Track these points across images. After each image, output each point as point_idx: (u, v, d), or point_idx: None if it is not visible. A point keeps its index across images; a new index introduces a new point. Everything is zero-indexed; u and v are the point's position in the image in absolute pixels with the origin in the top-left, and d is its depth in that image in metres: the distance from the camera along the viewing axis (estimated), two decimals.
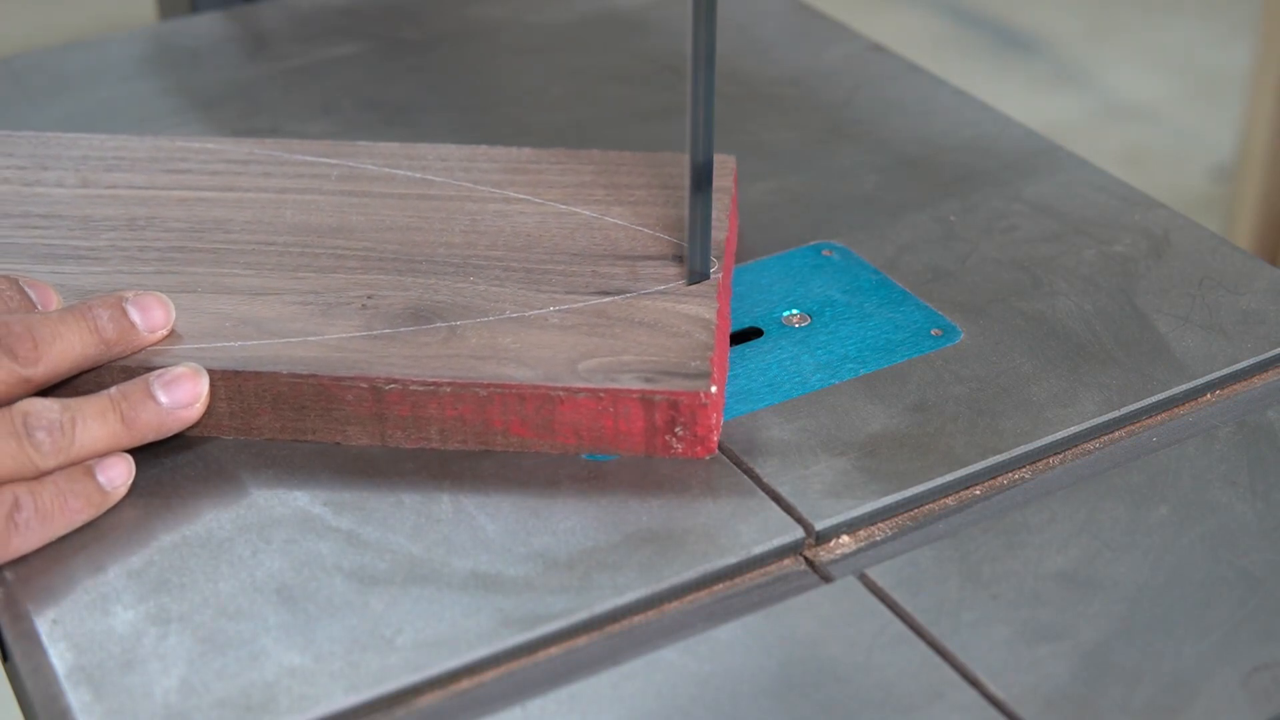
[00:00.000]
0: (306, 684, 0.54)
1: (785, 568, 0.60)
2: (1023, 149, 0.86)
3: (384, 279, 0.69)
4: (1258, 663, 0.54)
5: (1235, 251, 0.77)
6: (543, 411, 0.63)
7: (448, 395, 0.63)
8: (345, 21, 1.03)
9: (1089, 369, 0.69)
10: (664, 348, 0.65)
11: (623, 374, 0.63)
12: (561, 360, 0.64)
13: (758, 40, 1.00)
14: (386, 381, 0.63)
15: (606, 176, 0.76)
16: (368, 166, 0.76)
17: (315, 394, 0.64)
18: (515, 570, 0.59)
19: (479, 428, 0.64)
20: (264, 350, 0.65)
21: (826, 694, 0.54)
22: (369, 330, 0.66)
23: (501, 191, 0.75)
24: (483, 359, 0.64)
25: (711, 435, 0.64)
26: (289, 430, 0.65)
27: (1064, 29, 2.94)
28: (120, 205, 0.73)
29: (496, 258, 0.71)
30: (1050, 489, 0.63)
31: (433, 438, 0.64)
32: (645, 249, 0.71)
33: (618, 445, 0.64)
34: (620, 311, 0.67)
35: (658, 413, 0.63)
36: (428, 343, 0.65)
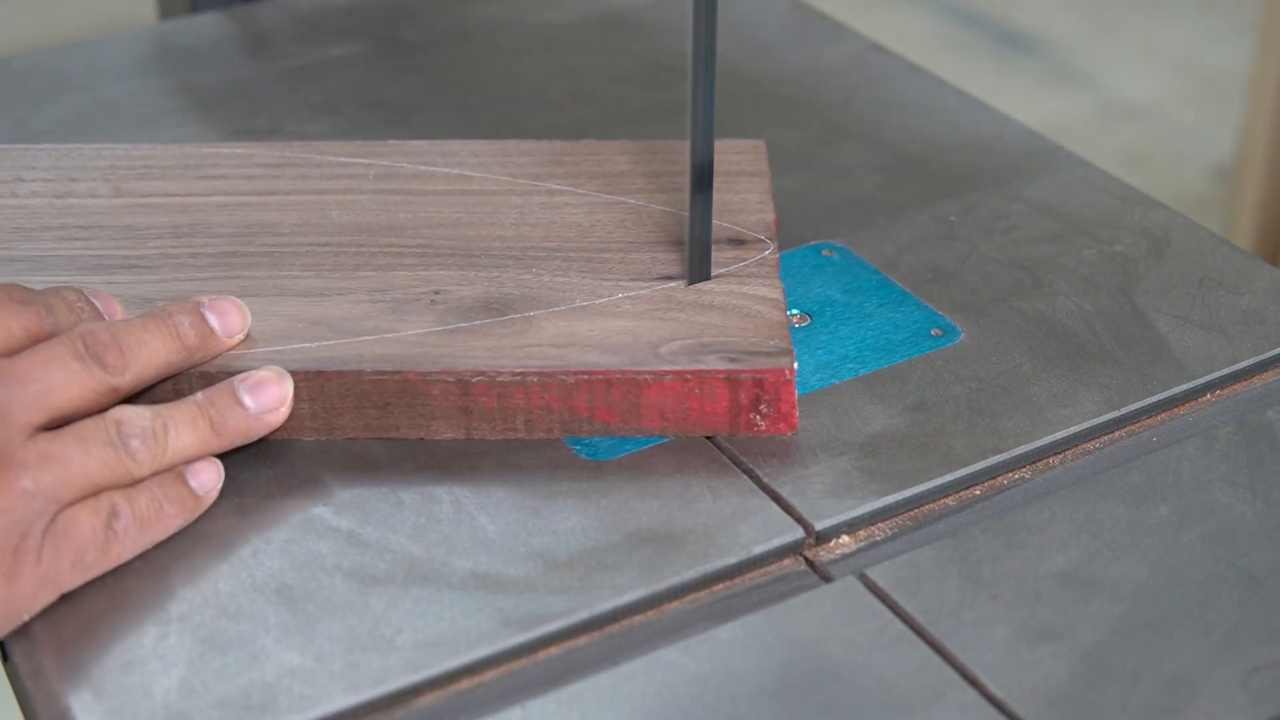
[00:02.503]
0: (306, 684, 0.54)
1: (785, 568, 0.60)
2: (1023, 149, 0.86)
3: (446, 274, 0.69)
4: (1258, 663, 0.54)
5: (1235, 251, 0.77)
6: (629, 396, 0.64)
7: (534, 385, 0.64)
8: (345, 21, 1.03)
9: (1089, 369, 0.69)
10: (740, 328, 0.66)
11: (706, 355, 0.64)
12: (643, 345, 0.65)
13: (758, 40, 1.00)
14: (473, 374, 0.64)
15: (642, 165, 0.77)
16: (403, 165, 0.77)
17: (399, 390, 0.64)
18: (515, 570, 0.59)
19: (565, 416, 0.64)
20: (343, 349, 0.65)
21: (826, 694, 0.54)
22: (444, 325, 0.66)
23: (543, 184, 0.76)
24: (564, 347, 0.65)
25: (793, 412, 0.65)
26: (372, 428, 0.65)
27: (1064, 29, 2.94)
28: (161, 213, 0.73)
29: (553, 249, 0.71)
30: (1050, 489, 0.63)
31: (519, 428, 0.65)
32: None
33: (702, 426, 0.65)
34: (687, 296, 0.68)
35: (743, 391, 0.64)
36: (505, 334, 0.66)
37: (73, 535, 0.56)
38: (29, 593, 0.55)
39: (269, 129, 0.89)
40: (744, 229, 0.72)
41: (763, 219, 0.73)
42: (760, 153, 0.78)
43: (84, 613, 0.57)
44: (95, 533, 0.57)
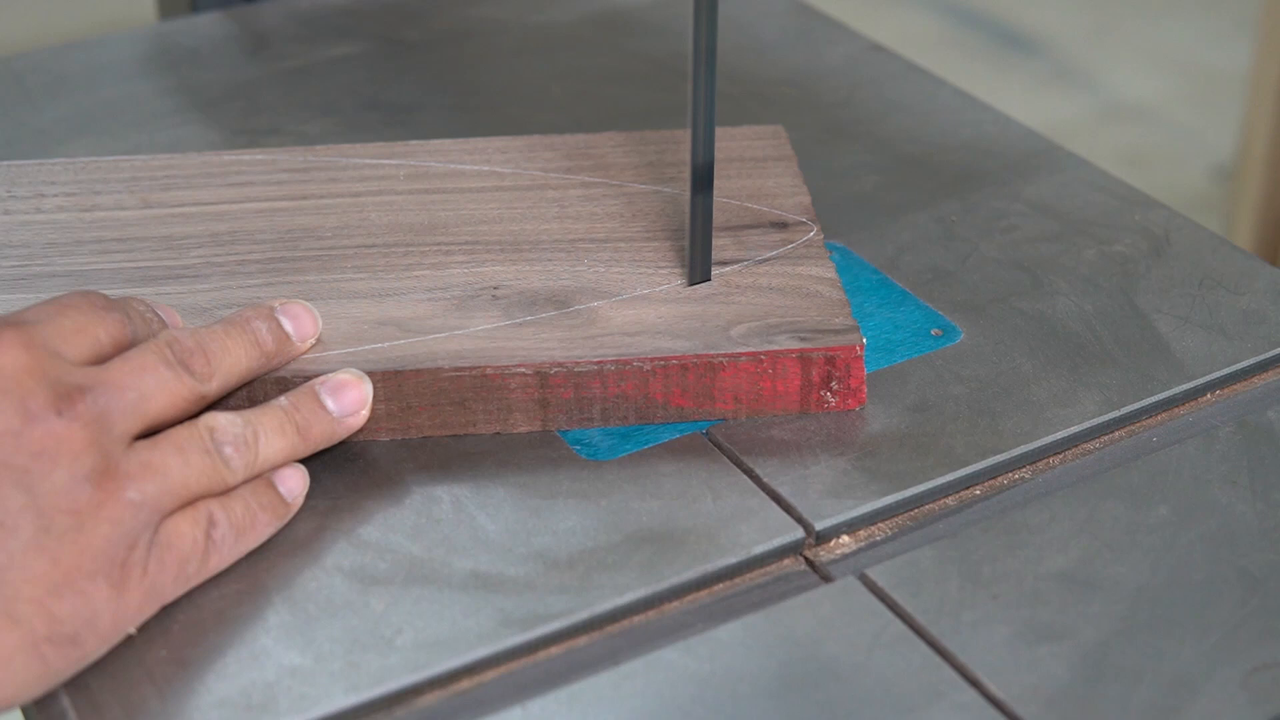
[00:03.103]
0: (306, 684, 0.54)
1: (785, 568, 0.60)
2: (1023, 149, 0.86)
3: (500, 269, 0.70)
4: (1258, 663, 0.54)
5: (1235, 251, 0.77)
6: (704, 380, 0.65)
7: (611, 373, 0.64)
8: (345, 21, 1.03)
9: (1089, 369, 0.69)
10: (803, 308, 0.67)
11: (777, 335, 0.65)
12: (713, 329, 0.66)
13: (758, 40, 1.00)
14: (551, 366, 0.64)
15: (669, 154, 0.78)
16: (432, 164, 0.77)
17: (477, 386, 0.64)
18: (515, 570, 0.59)
19: (640, 403, 0.65)
20: (417, 348, 0.65)
21: (826, 694, 0.54)
22: (511, 319, 0.66)
23: (575, 177, 0.76)
24: (635, 335, 0.65)
25: (862, 387, 0.66)
26: (449, 425, 0.65)
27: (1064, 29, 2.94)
28: (196, 222, 0.73)
29: (600, 240, 0.72)
30: (1050, 489, 0.63)
31: (595, 417, 0.65)
32: (740, 219, 0.73)
33: (774, 406, 0.66)
34: (744, 279, 0.69)
35: (815, 369, 0.65)
36: (574, 325, 0.66)
37: (176, 546, 0.56)
38: (135, 605, 0.55)
39: (269, 129, 0.89)
40: (783, 212, 0.74)
41: (800, 201, 0.74)
42: (782, 137, 0.80)
43: None
44: (196, 542, 0.56)
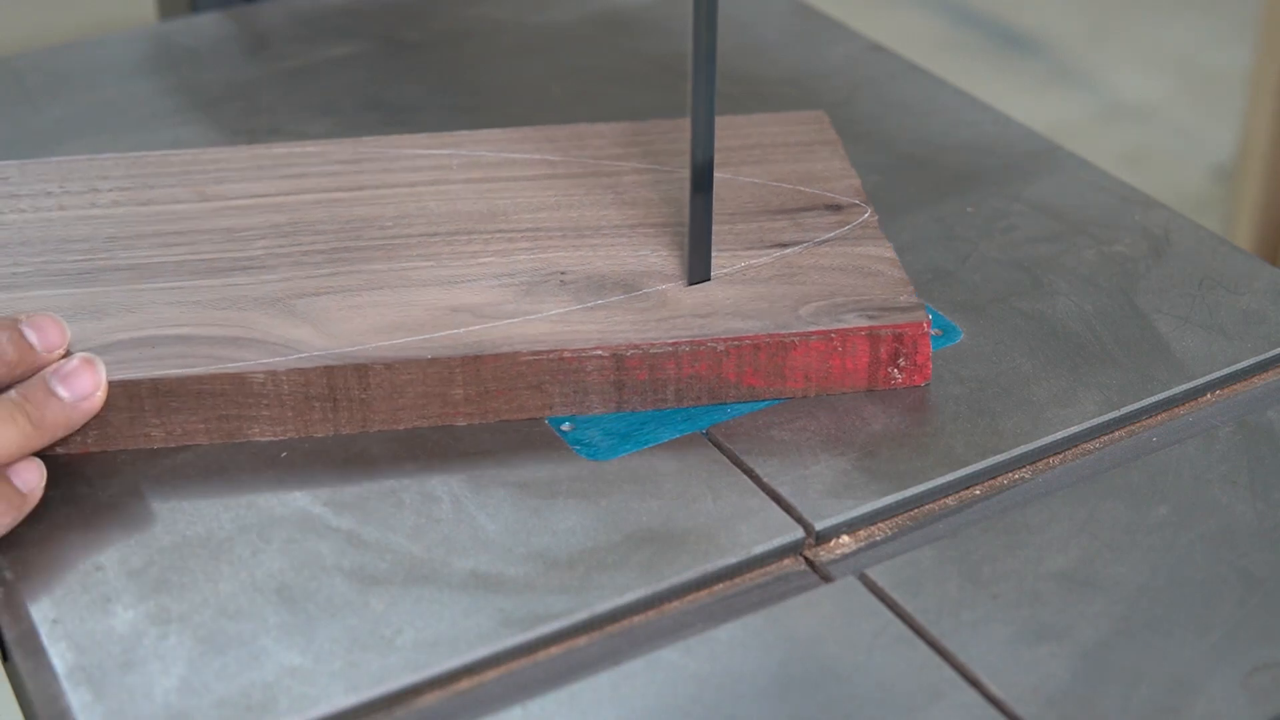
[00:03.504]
0: (306, 684, 0.54)
1: (785, 568, 0.60)
2: (1023, 149, 0.86)
3: (564, 255, 0.70)
4: (1258, 663, 0.54)
5: (1235, 251, 0.77)
6: (775, 359, 0.66)
7: (685, 354, 0.65)
8: (345, 21, 1.03)
9: (1089, 369, 0.69)
10: (867, 287, 0.68)
11: (846, 314, 0.67)
12: (782, 309, 0.67)
13: (758, 40, 1.00)
14: (627, 348, 0.65)
15: (718, 140, 0.78)
16: (483, 153, 0.78)
17: (554, 369, 0.65)
18: (515, 570, 0.59)
19: (713, 383, 0.66)
20: (493, 333, 0.65)
21: (826, 694, 0.54)
22: (582, 303, 0.67)
23: (625, 164, 0.77)
24: (707, 317, 0.67)
25: (928, 363, 0.67)
26: (526, 409, 0.66)
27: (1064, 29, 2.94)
28: (255, 214, 0.73)
29: (660, 224, 0.72)
30: (1050, 489, 0.63)
31: (669, 398, 0.66)
32: (794, 202, 0.74)
33: (842, 384, 0.67)
34: (806, 260, 0.70)
35: (883, 347, 0.66)
36: (645, 308, 0.67)
37: None
38: None
39: (269, 129, 0.89)
40: (836, 195, 0.75)
41: (850, 184, 0.76)
42: (825, 122, 0.81)
43: (84, 612, 0.57)
44: None
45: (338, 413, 0.65)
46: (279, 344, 0.65)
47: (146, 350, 0.65)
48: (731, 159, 0.77)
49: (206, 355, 0.64)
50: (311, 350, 0.65)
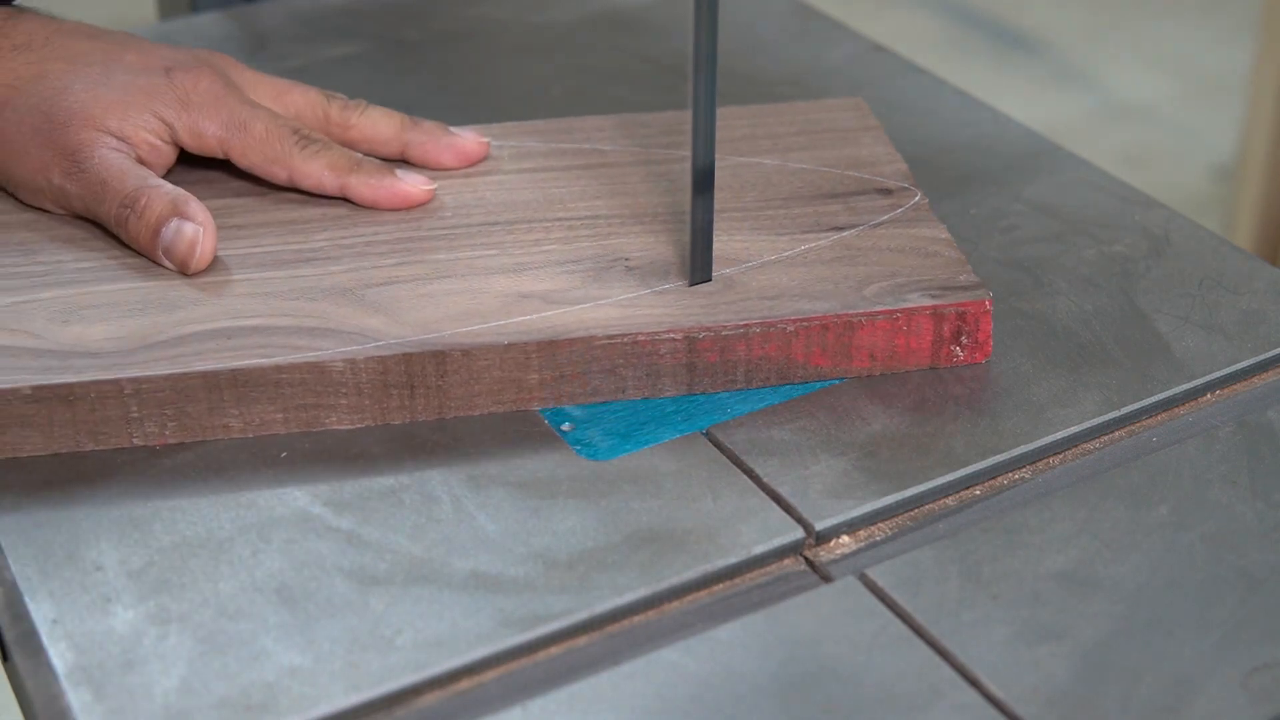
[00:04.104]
0: (306, 684, 0.54)
1: (785, 568, 0.60)
2: (1023, 149, 0.86)
3: (626, 241, 0.71)
4: (1258, 663, 0.54)
5: (1235, 251, 0.77)
6: (842, 339, 0.67)
7: (756, 336, 0.66)
8: (345, 21, 1.03)
9: (1089, 369, 0.69)
10: (926, 267, 0.70)
11: (909, 293, 0.68)
12: (846, 290, 0.68)
13: (758, 40, 1.00)
14: (699, 330, 0.66)
15: (760, 128, 0.81)
16: (532, 143, 0.78)
17: (628, 352, 0.66)
18: (515, 570, 0.59)
19: (782, 364, 0.67)
20: (566, 318, 0.66)
21: (826, 694, 0.54)
22: (649, 287, 0.68)
23: (676, 152, 0.78)
24: (773, 299, 0.68)
25: (989, 340, 0.69)
26: (600, 393, 0.67)
27: (1064, 29, 2.94)
28: (311, 206, 0.74)
29: (716, 210, 0.73)
30: (1050, 489, 0.63)
31: (739, 379, 0.67)
32: (845, 187, 0.76)
33: (906, 362, 0.68)
34: (864, 243, 0.71)
35: (946, 325, 0.68)
36: (713, 291, 0.68)
37: None
38: None
39: None
40: (884, 179, 0.76)
41: (898, 168, 0.77)
42: (864, 109, 0.82)
43: (84, 612, 0.57)
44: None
45: (414, 400, 0.66)
46: (354, 333, 0.66)
47: (223, 341, 0.65)
48: (779, 145, 0.79)
49: (283, 345, 0.65)
50: (387, 339, 0.65)
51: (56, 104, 0.72)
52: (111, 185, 0.71)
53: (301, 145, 0.74)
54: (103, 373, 0.63)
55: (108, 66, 0.74)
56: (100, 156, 0.71)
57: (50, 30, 0.75)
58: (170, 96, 0.73)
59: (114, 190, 0.70)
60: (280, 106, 0.77)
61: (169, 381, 0.63)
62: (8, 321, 0.66)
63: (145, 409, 0.64)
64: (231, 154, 0.74)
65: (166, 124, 0.73)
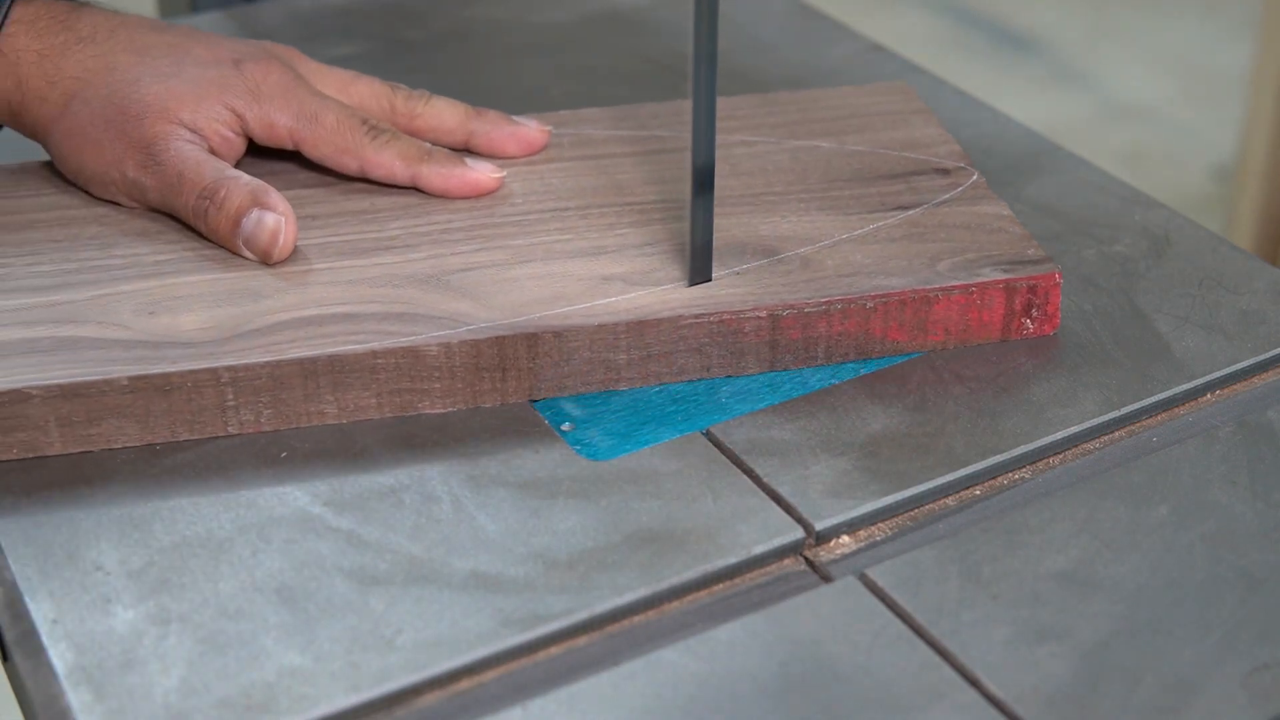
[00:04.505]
0: (306, 684, 0.54)
1: (785, 568, 0.60)
2: (1023, 149, 0.86)
3: None
4: (1258, 663, 0.54)
5: (1235, 251, 0.77)
6: (919, 314, 0.69)
7: (837, 313, 0.68)
8: (345, 21, 1.03)
9: (1089, 369, 0.69)
10: (994, 243, 0.71)
11: (982, 268, 0.70)
12: (920, 266, 0.70)
13: (758, 40, 1.00)
14: (783, 308, 0.67)
15: (809, 113, 0.82)
16: (590, 130, 0.79)
17: (714, 331, 0.67)
18: (515, 570, 0.59)
19: (861, 339, 0.69)
20: (652, 299, 0.67)
21: (826, 694, 0.54)
22: (727, 268, 0.69)
23: (732, 136, 0.79)
24: (850, 276, 0.69)
25: (1058, 313, 0.70)
26: (686, 371, 0.68)
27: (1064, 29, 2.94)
28: (380, 195, 0.75)
29: (781, 192, 0.75)
30: (1050, 489, 0.63)
31: (819, 356, 0.69)
32: (903, 168, 0.77)
33: (979, 335, 0.70)
34: (929, 220, 0.73)
35: (1018, 298, 0.69)
36: (790, 270, 0.70)
37: None
38: None
39: None
40: (940, 159, 0.77)
41: (952, 149, 0.79)
42: (910, 92, 0.84)
43: (84, 612, 0.57)
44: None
45: (506, 382, 0.66)
46: (444, 318, 0.66)
47: (314, 329, 0.66)
48: (832, 129, 0.80)
49: (375, 331, 0.66)
50: (478, 322, 0.66)
51: (128, 97, 0.72)
52: (189, 178, 0.71)
53: (372, 136, 0.74)
54: (199, 362, 0.64)
55: (177, 59, 0.74)
56: (175, 149, 0.72)
57: (114, 23, 0.75)
58: (241, 88, 0.74)
59: (191, 183, 0.71)
60: (345, 97, 0.77)
61: (266, 369, 0.64)
62: (93, 314, 0.66)
63: (241, 397, 0.64)
64: (302, 145, 0.75)
65: (238, 115, 0.74)
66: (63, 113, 0.73)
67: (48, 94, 0.73)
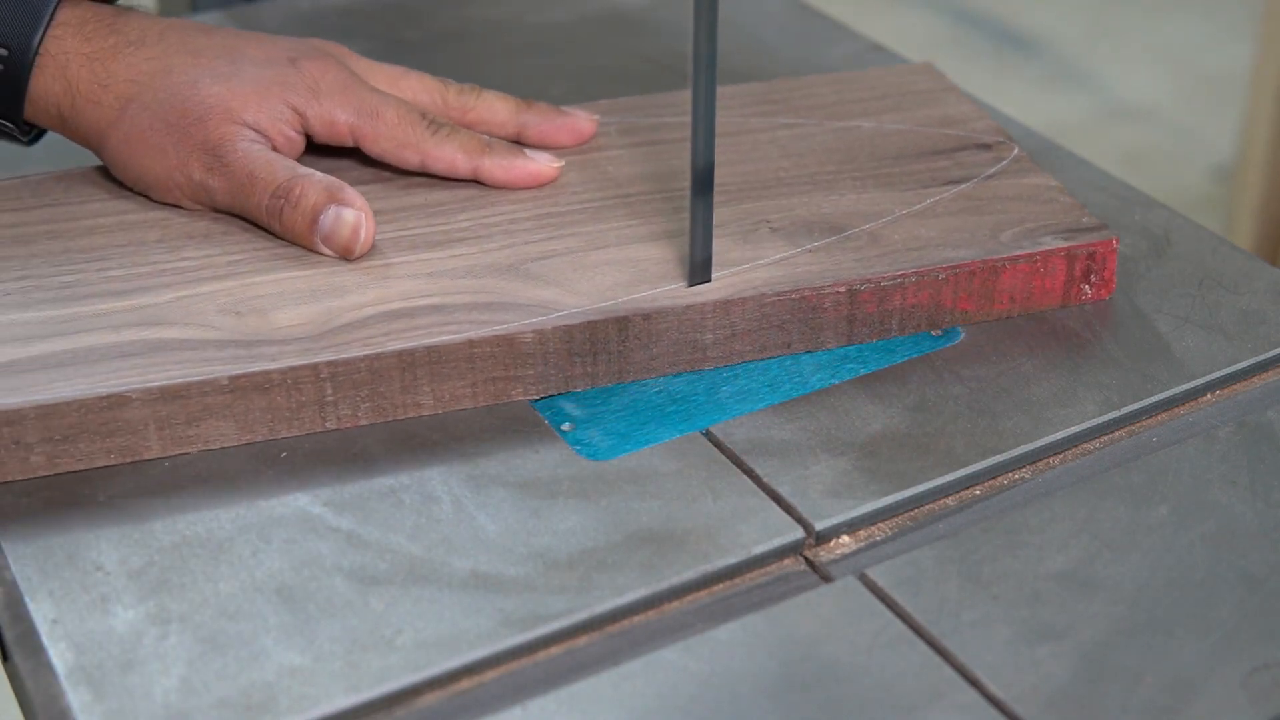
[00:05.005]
0: (306, 684, 0.54)
1: (785, 568, 0.60)
2: (1023, 149, 0.86)
3: (760, 205, 0.74)
4: (1258, 663, 0.54)
5: (1235, 251, 0.77)
6: (986, 283, 0.71)
7: (911, 285, 0.69)
8: (345, 21, 1.03)
9: (1089, 369, 0.69)
10: (1049, 212, 0.73)
11: (1043, 237, 0.72)
12: (983, 237, 0.72)
13: (758, 40, 1.00)
14: (860, 282, 0.69)
15: (846, 94, 0.83)
16: (635, 119, 0.80)
17: (795, 307, 0.69)
18: (515, 570, 0.59)
19: (932, 310, 0.71)
20: (734, 279, 0.69)
21: (826, 694, 0.54)
22: (798, 246, 0.70)
23: (778, 119, 0.81)
24: (919, 249, 0.71)
25: (1114, 277, 0.73)
26: (768, 348, 0.69)
27: (1064, 29, 2.94)
28: (442, 189, 0.76)
29: (833, 172, 0.76)
30: (1050, 489, 0.63)
31: (893, 328, 0.70)
32: (945, 144, 0.79)
33: (1041, 302, 0.72)
34: (983, 193, 0.75)
35: (1078, 265, 0.71)
36: (859, 246, 0.71)
37: None
38: None
39: None
40: (979, 135, 0.79)
41: (988, 124, 0.80)
42: (937, 72, 0.85)
43: (84, 612, 0.57)
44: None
45: (596, 366, 0.67)
46: (533, 305, 0.67)
47: (406, 321, 0.66)
48: (869, 109, 0.82)
49: (467, 321, 0.66)
50: (566, 309, 0.67)
51: (189, 99, 0.72)
52: (261, 177, 0.71)
53: (433, 130, 0.75)
54: (298, 358, 0.64)
55: (233, 59, 0.74)
56: (243, 150, 0.72)
57: (162, 26, 0.75)
58: (301, 86, 0.74)
59: (264, 182, 0.71)
60: (396, 92, 0.77)
61: (365, 363, 0.64)
62: (177, 316, 0.66)
63: (340, 392, 0.65)
64: (363, 141, 0.75)
65: (299, 113, 0.74)
66: (119, 117, 0.72)
67: (101, 98, 0.73)
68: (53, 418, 0.62)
